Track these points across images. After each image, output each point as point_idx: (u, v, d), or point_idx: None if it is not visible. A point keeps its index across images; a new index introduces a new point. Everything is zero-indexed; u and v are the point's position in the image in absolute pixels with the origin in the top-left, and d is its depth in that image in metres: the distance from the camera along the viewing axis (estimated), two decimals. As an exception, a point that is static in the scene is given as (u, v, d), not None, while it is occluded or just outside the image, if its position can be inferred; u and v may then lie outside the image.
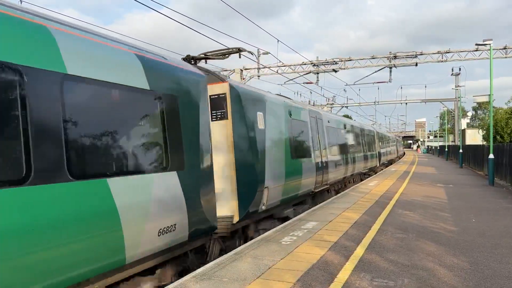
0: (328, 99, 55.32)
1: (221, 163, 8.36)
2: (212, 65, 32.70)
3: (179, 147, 6.41)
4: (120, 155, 5.26)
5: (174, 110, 6.41)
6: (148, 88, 5.91)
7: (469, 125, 70.33)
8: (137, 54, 5.98)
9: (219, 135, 8.47)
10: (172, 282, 6.31)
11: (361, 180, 23.99)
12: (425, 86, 75.49)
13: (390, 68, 37.04)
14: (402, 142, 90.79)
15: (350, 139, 20.50)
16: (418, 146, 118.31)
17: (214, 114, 8.53)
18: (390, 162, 44.47)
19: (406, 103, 59.56)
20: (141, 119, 5.75)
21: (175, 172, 6.26)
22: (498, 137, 37.31)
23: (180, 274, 6.75)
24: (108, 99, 5.22)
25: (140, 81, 5.81)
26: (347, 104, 58.90)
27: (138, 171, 5.51)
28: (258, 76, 40.26)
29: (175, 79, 6.60)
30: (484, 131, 42.38)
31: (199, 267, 6.84)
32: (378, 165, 30.99)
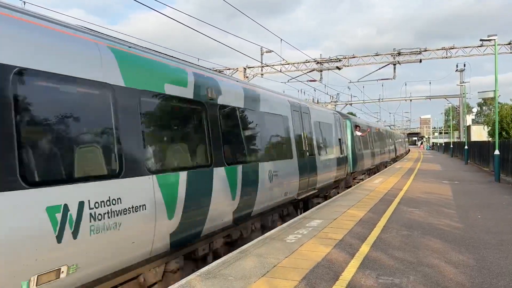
0: (332, 96, 55.21)
1: None
2: (214, 63, 32.67)
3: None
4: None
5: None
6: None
7: (474, 122, 69.98)
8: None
9: None
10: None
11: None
12: (430, 83, 75.04)
13: (394, 65, 36.89)
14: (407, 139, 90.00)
15: None
16: (421, 143, 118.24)
17: None
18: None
19: (411, 100, 59.17)
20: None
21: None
22: (503, 133, 37.07)
23: None
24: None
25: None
26: (351, 101, 58.74)
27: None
28: (262, 74, 40.23)
29: None
30: (490, 127, 42.14)
31: None
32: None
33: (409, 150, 75.50)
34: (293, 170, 11.23)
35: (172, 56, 7.49)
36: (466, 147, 35.80)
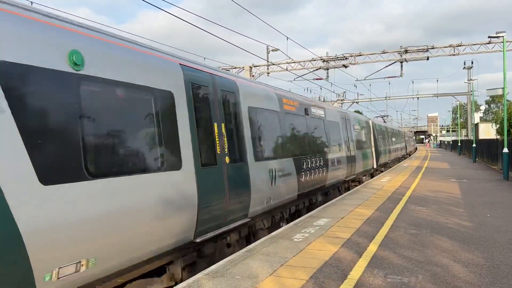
0: (339, 95, 55.04)
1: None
2: (221, 62, 32.69)
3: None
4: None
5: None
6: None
7: (483, 119, 69.38)
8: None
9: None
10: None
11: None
12: (437, 80, 74.43)
13: (401, 62, 36.70)
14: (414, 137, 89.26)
15: None
16: (428, 141, 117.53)
17: None
18: None
19: (418, 98, 58.86)
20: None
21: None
22: (512, 130, 36.72)
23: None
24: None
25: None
26: (357, 99, 58.53)
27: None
28: (268, 73, 40.20)
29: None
30: (498, 125, 41.74)
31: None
32: None
33: (416, 148, 75.21)
34: None
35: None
36: (474, 145, 35.52)
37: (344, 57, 37.48)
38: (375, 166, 23.84)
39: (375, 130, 24.95)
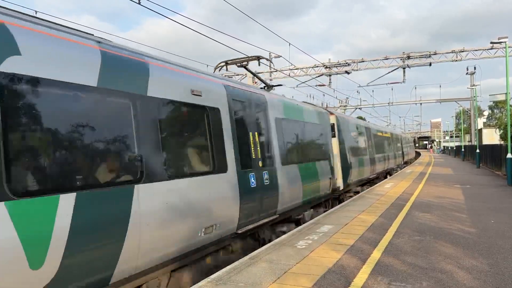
0: (341, 101, 55.10)
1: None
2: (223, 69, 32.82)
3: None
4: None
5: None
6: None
7: (486, 125, 69.19)
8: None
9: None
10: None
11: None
12: (440, 86, 74.16)
13: (404, 68, 36.74)
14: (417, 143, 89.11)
15: None
16: (431, 146, 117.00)
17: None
18: None
19: (421, 103, 58.79)
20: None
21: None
22: (516, 136, 36.55)
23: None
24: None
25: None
26: (360, 105, 58.51)
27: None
28: (271, 79, 40.29)
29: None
30: (501, 130, 41.61)
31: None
32: None
33: (419, 154, 75.20)
34: None
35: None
36: (477, 150, 35.41)
37: (346, 63, 37.57)
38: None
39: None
